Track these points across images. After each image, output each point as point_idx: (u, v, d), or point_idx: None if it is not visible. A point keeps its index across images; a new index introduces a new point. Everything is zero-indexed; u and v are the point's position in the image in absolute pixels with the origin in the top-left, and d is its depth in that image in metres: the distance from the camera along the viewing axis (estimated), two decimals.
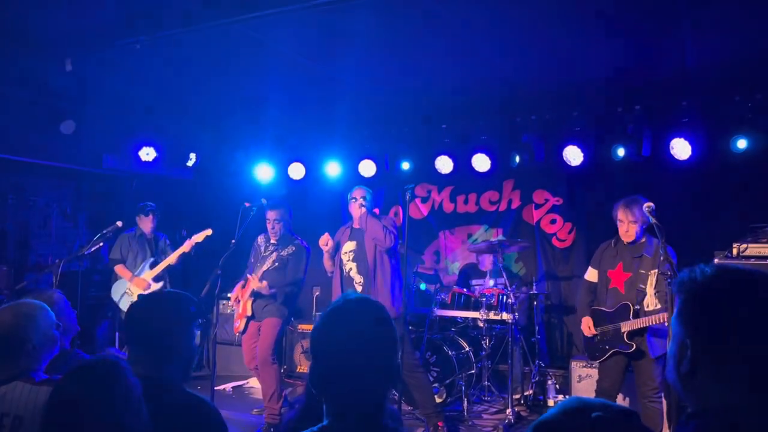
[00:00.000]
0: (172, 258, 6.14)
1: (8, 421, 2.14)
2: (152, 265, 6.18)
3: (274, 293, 5.29)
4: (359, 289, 5.16)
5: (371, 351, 1.47)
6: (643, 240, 4.52)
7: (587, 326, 4.63)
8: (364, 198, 5.24)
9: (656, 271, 4.37)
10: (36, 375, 2.26)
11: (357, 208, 5.22)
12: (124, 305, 5.99)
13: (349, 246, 5.30)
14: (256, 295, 5.30)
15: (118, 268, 6.17)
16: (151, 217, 6.31)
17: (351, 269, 5.24)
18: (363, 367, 1.45)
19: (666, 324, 4.25)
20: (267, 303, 5.32)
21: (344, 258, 5.29)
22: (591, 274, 4.77)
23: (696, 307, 1.29)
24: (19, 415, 2.14)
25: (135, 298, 5.96)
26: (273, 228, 5.40)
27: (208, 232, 6.03)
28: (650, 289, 4.40)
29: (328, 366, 1.47)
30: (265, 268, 5.26)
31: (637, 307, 4.41)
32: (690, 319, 1.29)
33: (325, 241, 5.18)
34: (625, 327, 4.39)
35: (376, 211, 5.58)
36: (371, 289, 5.05)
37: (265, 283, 5.23)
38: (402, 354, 4.58)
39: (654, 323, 4.32)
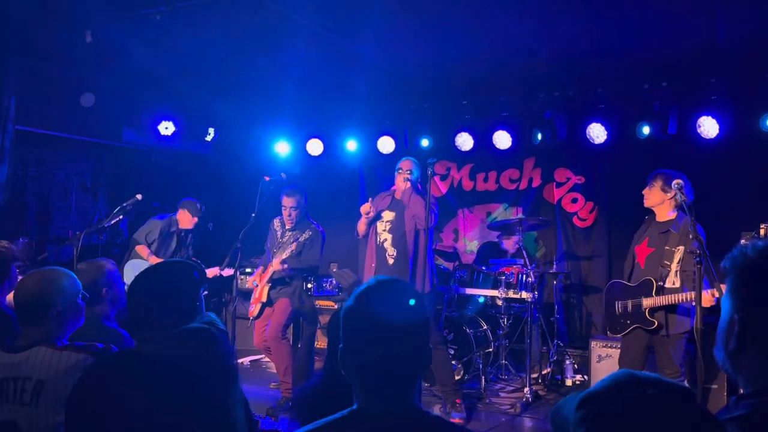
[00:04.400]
0: None
1: (30, 385, 2.15)
2: None
3: (292, 276, 5.25)
4: (391, 261, 5.09)
5: (404, 333, 1.42)
6: (673, 216, 4.43)
7: None
8: (411, 171, 5.12)
9: (683, 248, 4.28)
10: (59, 341, 2.26)
11: (402, 181, 5.11)
12: None
13: (387, 216, 5.19)
14: (273, 282, 5.27)
15: (140, 248, 5.97)
16: (197, 219, 6.05)
17: (386, 240, 5.15)
18: (395, 350, 1.41)
19: (693, 304, 4.14)
20: (282, 288, 5.30)
21: (380, 227, 5.18)
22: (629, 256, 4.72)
23: (746, 281, 1.25)
24: (41, 379, 2.15)
25: None
26: (290, 215, 5.31)
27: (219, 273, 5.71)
28: (674, 266, 4.33)
29: (359, 347, 1.43)
30: (285, 255, 5.19)
31: (661, 283, 4.34)
32: (739, 294, 1.25)
33: (367, 210, 5.10)
34: (647, 303, 4.33)
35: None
36: (404, 264, 4.99)
37: (286, 265, 5.17)
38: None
39: (678, 302, 4.24)
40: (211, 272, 5.49)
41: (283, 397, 5.23)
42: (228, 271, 5.34)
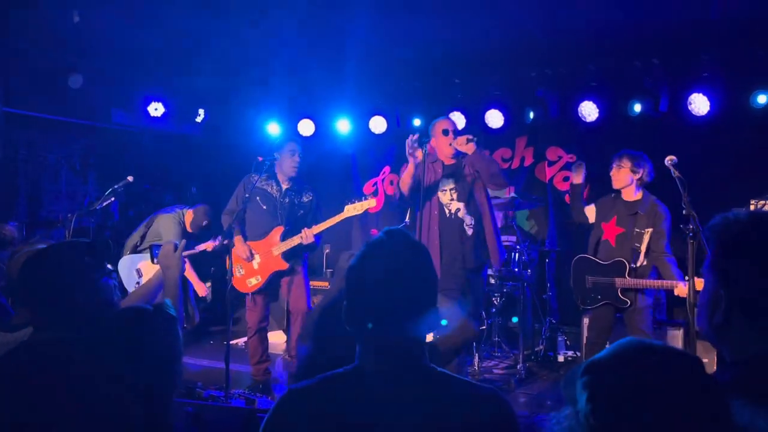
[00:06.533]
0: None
1: None
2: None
3: (313, 247, 4.93)
4: (470, 231, 4.46)
5: (410, 286, 1.39)
6: (639, 197, 4.51)
7: None
8: (456, 132, 4.48)
9: (650, 230, 4.39)
10: None
11: (463, 142, 4.33)
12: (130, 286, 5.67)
13: (446, 183, 4.52)
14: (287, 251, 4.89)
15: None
16: (207, 224, 5.89)
17: (459, 209, 4.47)
18: (400, 302, 1.38)
19: (664, 290, 4.41)
20: (293, 257, 4.97)
21: (445, 197, 4.49)
22: (590, 211, 4.81)
23: (731, 255, 1.24)
24: None
25: (143, 279, 5.69)
26: (296, 168, 4.98)
27: (217, 243, 5.64)
28: (643, 247, 4.45)
29: (364, 301, 1.40)
30: (326, 225, 4.77)
31: (633, 266, 4.45)
32: (724, 269, 1.25)
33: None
34: (620, 284, 4.45)
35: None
36: (483, 234, 4.49)
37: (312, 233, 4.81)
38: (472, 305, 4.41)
39: (652, 287, 4.40)
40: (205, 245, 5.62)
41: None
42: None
